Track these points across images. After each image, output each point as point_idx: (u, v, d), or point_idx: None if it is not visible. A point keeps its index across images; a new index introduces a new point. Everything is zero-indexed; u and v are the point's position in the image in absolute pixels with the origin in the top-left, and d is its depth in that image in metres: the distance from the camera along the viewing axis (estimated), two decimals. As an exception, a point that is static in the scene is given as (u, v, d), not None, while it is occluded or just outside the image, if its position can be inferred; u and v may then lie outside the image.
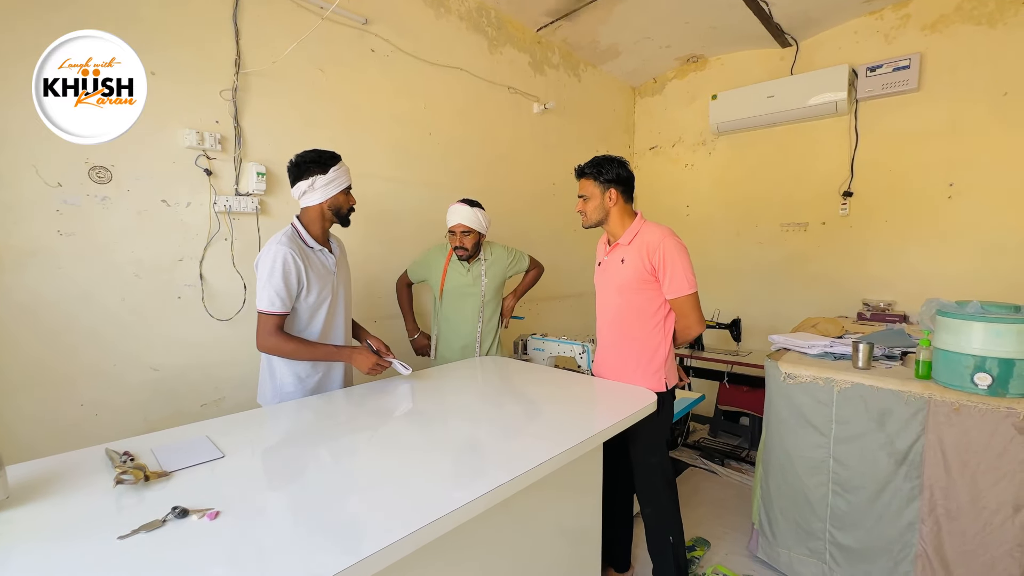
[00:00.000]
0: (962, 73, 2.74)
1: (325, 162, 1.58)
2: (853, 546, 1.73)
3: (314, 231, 1.62)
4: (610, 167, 1.67)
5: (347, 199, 1.65)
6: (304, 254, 1.56)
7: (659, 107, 4.06)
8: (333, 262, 1.66)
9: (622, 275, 1.68)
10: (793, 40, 3.26)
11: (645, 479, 1.77)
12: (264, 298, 1.49)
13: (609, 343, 1.79)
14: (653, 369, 1.70)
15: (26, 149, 1.48)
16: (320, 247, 1.63)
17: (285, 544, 0.78)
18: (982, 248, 2.73)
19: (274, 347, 1.51)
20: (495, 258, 2.25)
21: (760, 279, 3.55)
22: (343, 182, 1.61)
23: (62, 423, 1.58)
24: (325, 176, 1.57)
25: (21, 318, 1.50)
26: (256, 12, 1.93)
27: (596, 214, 1.71)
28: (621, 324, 1.73)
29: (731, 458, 2.96)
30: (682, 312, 1.65)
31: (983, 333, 1.46)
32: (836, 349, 1.93)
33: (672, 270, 1.60)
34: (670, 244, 1.60)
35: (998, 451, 1.44)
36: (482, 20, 2.87)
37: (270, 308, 1.49)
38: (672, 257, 1.59)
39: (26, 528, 0.82)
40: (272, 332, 1.50)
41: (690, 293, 1.61)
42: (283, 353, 1.53)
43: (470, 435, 1.30)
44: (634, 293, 1.67)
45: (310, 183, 1.56)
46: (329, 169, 1.57)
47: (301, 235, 1.60)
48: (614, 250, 1.73)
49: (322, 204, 1.60)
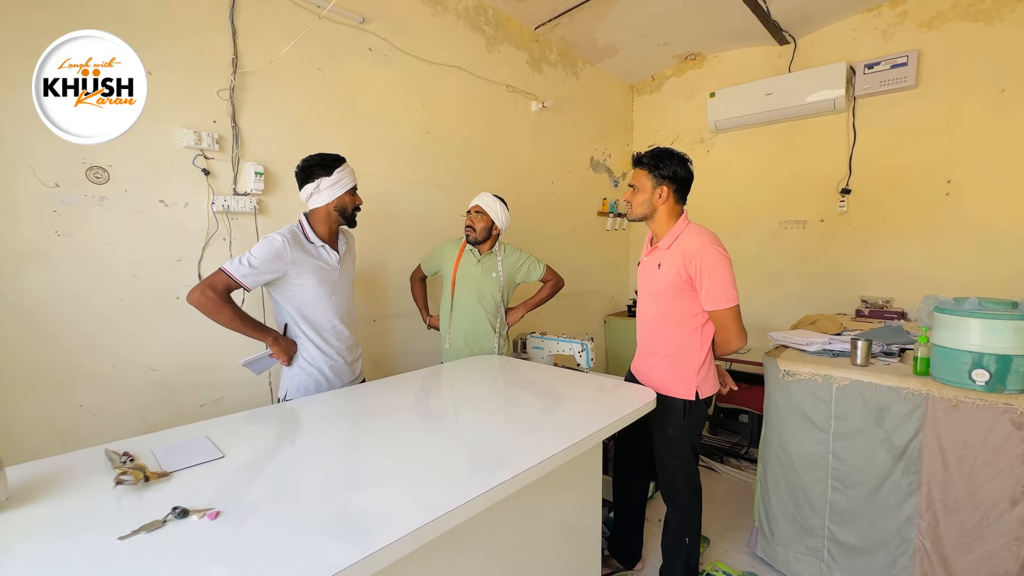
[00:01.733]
0: (959, 70, 2.75)
1: (329, 164, 1.62)
2: (852, 542, 1.74)
3: (320, 231, 1.66)
4: (669, 162, 1.57)
5: (352, 199, 1.69)
6: (301, 247, 1.59)
7: (657, 105, 4.06)
8: (336, 259, 1.70)
9: (659, 280, 1.63)
10: (791, 37, 3.26)
11: (667, 478, 1.78)
12: (234, 260, 1.48)
13: (644, 346, 1.76)
14: (684, 376, 1.63)
15: (23, 149, 1.48)
16: (322, 244, 1.66)
17: (285, 544, 0.78)
18: (980, 244, 2.74)
19: (210, 304, 1.45)
20: (506, 256, 2.29)
21: (759, 276, 3.56)
22: (348, 183, 1.65)
23: (61, 424, 1.57)
24: (330, 178, 1.61)
25: (19, 319, 1.50)
26: (253, 11, 1.93)
27: (643, 208, 1.62)
28: (657, 328, 1.69)
29: (730, 455, 2.97)
30: (720, 325, 1.56)
31: (981, 329, 1.47)
32: (835, 346, 1.93)
33: (710, 281, 1.51)
34: (709, 253, 1.50)
35: (995, 446, 1.45)
36: (480, 18, 2.86)
37: (233, 271, 1.47)
38: (711, 268, 1.50)
39: (26, 529, 0.82)
40: (218, 291, 1.46)
41: (730, 307, 1.52)
42: (216, 312, 1.46)
43: (471, 433, 1.30)
44: (670, 299, 1.61)
45: (316, 185, 1.61)
46: (334, 171, 1.62)
47: (305, 231, 1.65)
48: (653, 252, 1.67)
49: (328, 205, 1.64)
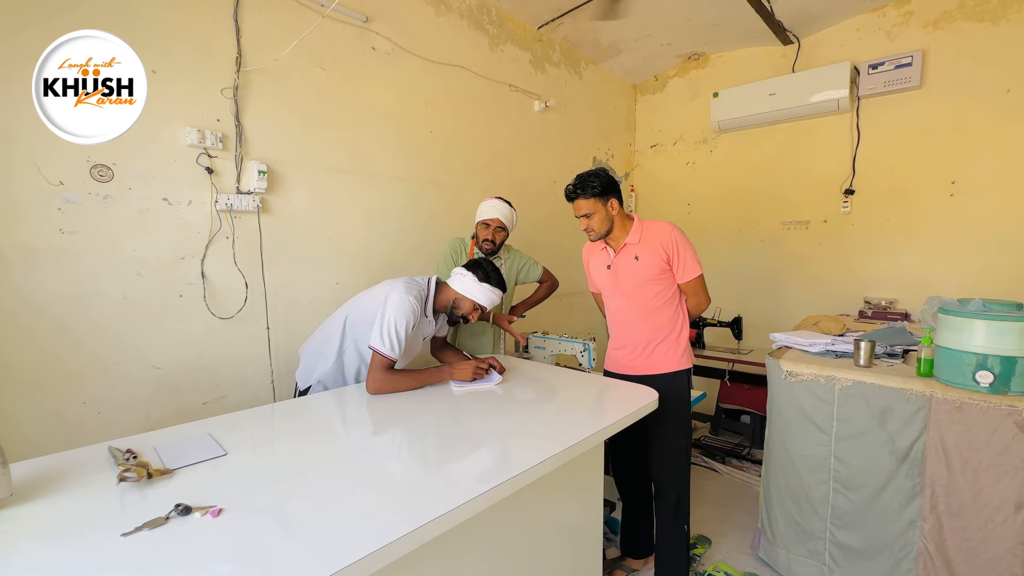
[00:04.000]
0: (964, 70, 2.73)
1: (487, 275, 1.72)
2: (854, 545, 1.73)
3: (437, 304, 1.76)
4: (598, 179, 1.73)
5: (471, 310, 1.75)
6: (419, 317, 1.66)
7: (660, 105, 4.05)
8: (430, 332, 1.80)
9: (640, 271, 1.76)
10: (795, 37, 3.24)
11: (674, 464, 1.83)
12: (382, 338, 1.56)
13: (637, 336, 1.83)
14: (682, 348, 1.82)
15: (28, 148, 1.49)
16: (431, 318, 1.76)
17: (288, 541, 0.79)
18: (984, 246, 2.72)
19: (387, 385, 1.55)
20: (510, 259, 2.31)
21: (762, 277, 3.55)
22: (482, 300, 1.72)
23: (65, 421, 1.58)
24: (477, 282, 1.70)
25: (23, 317, 1.50)
26: (257, 10, 1.93)
27: (603, 226, 1.76)
28: (648, 315, 1.80)
29: (732, 456, 2.96)
30: (693, 291, 1.80)
31: (985, 331, 1.46)
32: (838, 347, 1.93)
33: (684, 257, 1.74)
34: (679, 234, 1.75)
35: (1000, 449, 1.44)
36: (483, 18, 2.86)
37: (387, 352, 1.55)
38: (683, 245, 1.75)
39: (29, 525, 0.82)
40: (385, 371, 1.56)
41: (700, 274, 1.78)
42: (395, 387, 1.56)
43: (472, 432, 1.30)
44: (655, 283, 1.77)
45: (466, 272, 1.72)
46: (484, 282, 1.70)
47: (427, 302, 1.72)
48: (623, 251, 1.79)
49: (457, 295, 1.73)
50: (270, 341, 2.02)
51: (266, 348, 2.01)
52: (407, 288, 1.64)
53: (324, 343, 1.77)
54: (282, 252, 2.05)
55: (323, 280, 2.20)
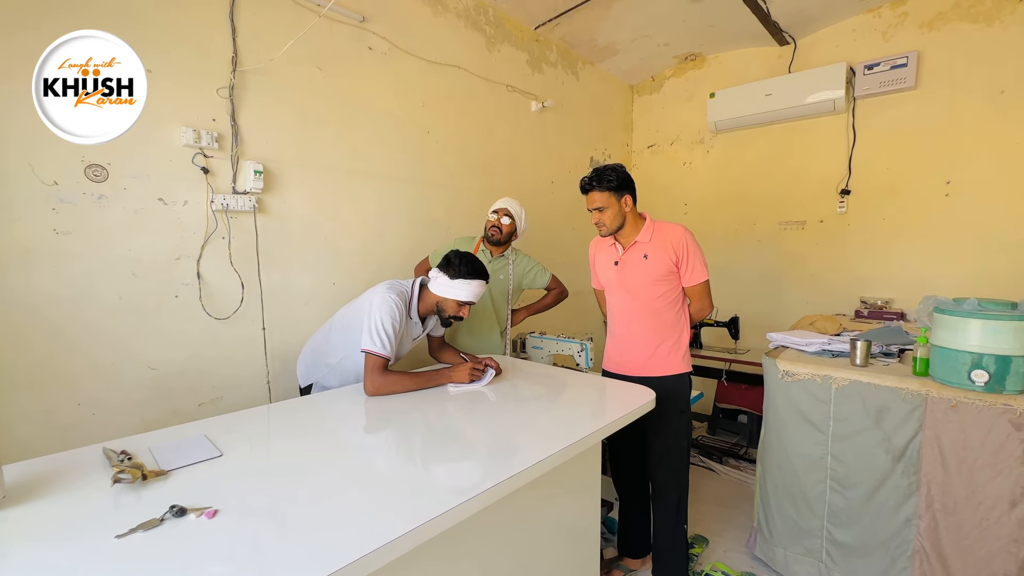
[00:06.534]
0: (959, 71, 2.75)
1: (456, 269, 1.68)
2: (851, 543, 1.74)
3: (421, 308, 1.76)
4: (615, 174, 1.72)
5: (457, 308, 1.72)
6: (404, 316, 1.68)
7: (657, 105, 4.05)
8: (418, 334, 1.80)
9: (648, 270, 1.77)
10: (791, 38, 3.26)
11: (675, 465, 1.84)
12: (372, 338, 1.57)
13: (637, 335, 1.83)
14: (682, 351, 1.82)
15: (22, 148, 1.48)
16: (418, 320, 1.76)
17: (284, 542, 0.78)
18: (979, 245, 2.74)
19: (386, 385, 1.57)
20: (517, 261, 2.31)
21: (758, 277, 3.56)
22: (461, 296, 1.69)
23: (59, 422, 1.57)
24: (450, 280, 1.67)
25: (17, 317, 1.49)
26: (253, 9, 1.92)
27: (615, 221, 1.75)
28: (651, 314, 1.80)
29: (729, 456, 2.97)
30: (698, 296, 1.80)
31: (980, 330, 1.47)
32: (834, 347, 1.93)
33: (693, 260, 1.75)
34: (690, 238, 1.76)
35: (995, 447, 1.45)
36: (480, 18, 2.86)
37: (379, 351, 1.57)
38: (693, 249, 1.75)
39: (23, 527, 0.82)
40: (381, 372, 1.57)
41: (706, 279, 1.78)
42: (394, 387, 1.58)
43: (470, 432, 1.30)
44: (662, 283, 1.77)
45: (439, 273, 1.71)
46: (456, 278, 1.67)
47: (411, 302, 1.73)
48: (632, 248, 1.80)
49: (436, 296, 1.72)
50: (266, 342, 2.01)
51: (262, 349, 2.01)
52: (389, 287, 1.68)
53: (322, 347, 1.81)
54: (278, 252, 2.05)
55: (320, 280, 2.20)
